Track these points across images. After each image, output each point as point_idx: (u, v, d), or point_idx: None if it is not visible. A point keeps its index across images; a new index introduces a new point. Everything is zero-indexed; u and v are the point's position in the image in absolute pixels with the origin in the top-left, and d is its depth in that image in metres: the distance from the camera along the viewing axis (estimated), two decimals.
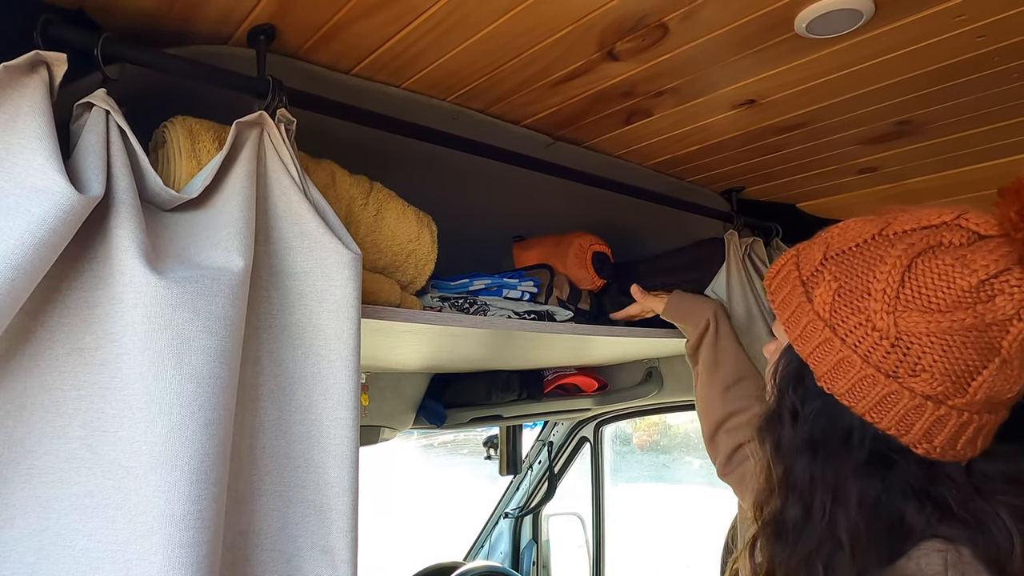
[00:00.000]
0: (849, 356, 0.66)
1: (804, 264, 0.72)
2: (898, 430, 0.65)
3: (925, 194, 1.57)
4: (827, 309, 0.68)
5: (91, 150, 0.70)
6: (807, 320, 0.69)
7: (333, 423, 0.79)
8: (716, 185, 1.61)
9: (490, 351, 1.52)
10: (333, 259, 0.81)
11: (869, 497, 0.65)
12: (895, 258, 0.64)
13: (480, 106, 1.16)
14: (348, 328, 0.81)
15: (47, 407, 0.67)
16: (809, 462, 0.68)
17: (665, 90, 1.11)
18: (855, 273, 0.67)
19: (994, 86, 1.08)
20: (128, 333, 0.65)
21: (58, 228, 0.62)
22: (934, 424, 0.64)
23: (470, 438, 2.90)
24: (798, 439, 0.70)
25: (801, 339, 0.70)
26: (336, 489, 0.78)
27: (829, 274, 0.69)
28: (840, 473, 0.67)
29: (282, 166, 0.84)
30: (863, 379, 0.65)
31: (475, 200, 1.41)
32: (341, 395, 0.80)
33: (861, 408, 0.66)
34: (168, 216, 0.78)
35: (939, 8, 0.88)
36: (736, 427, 1.20)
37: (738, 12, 0.88)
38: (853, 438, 0.67)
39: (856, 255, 0.68)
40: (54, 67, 0.70)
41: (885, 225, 0.68)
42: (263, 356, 0.81)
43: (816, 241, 0.74)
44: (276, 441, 0.79)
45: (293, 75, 0.96)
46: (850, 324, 0.66)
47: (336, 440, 0.79)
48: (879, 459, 0.67)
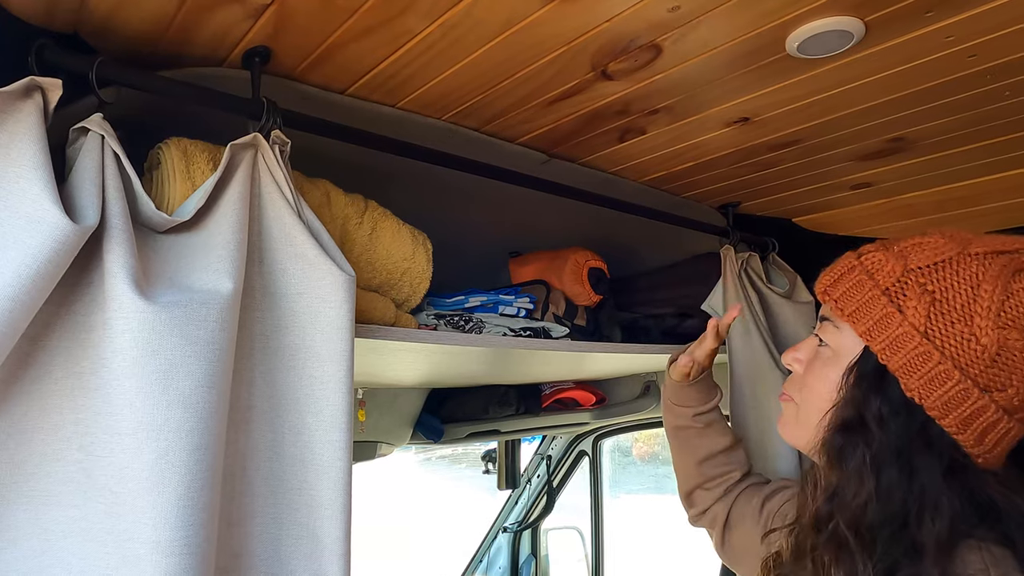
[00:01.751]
0: (948, 369, 0.68)
1: (879, 274, 0.73)
2: (975, 441, 0.69)
3: (920, 209, 1.57)
4: (923, 321, 0.69)
5: (86, 176, 0.70)
6: (899, 331, 0.70)
7: (325, 445, 0.79)
8: (712, 200, 1.61)
9: (487, 367, 1.52)
10: (327, 281, 0.82)
11: (953, 504, 0.67)
12: (994, 276, 0.68)
13: (475, 124, 1.17)
14: (341, 349, 0.81)
15: (46, 431, 0.67)
16: (899, 472, 0.69)
17: (659, 108, 1.11)
18: (952, 287, 0.69)
19: (986, 104, 1.09)
20: (118, 359, 0.65)
21: (53, 259, 0.62)
22: (1001, 436, 0.69)
23: (469, 451, 2.89)
24: (888, 449, 0.70)
25: (890, 349, 0.70)
26: (328, 512, 0.77)
27: (919, 287, 0.70)
28: (928, 482, 0.68)
29: (276, 188, 0.84)
30: (959, 392, 0.67)
31: (471, 217, 1.42)
32: (334, 417, 0.80)
33: (950, 421, 0.68)
34: (161, 238, 0.79)
35: (929, 29, 0.88)
36: (714, 487, 1.20)
37: (730, 33, 0.89)
38: (934, 448, 0.69)
39: (947, 269, 0.70)
40: (49, 92, 0.71)
41: (964, 245, 0.71)
42: (256, 378, 0.81)
43: (884, 252, 0.75)
44: (269, 463, 0.79)
45: (287, 96, 0.96)
46: (951, 337, 0.68)
47: (328, 462, 0.78)
48: (956, 468, 0.69)
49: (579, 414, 2.11)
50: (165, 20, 0.81)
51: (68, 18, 0.78)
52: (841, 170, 1.39)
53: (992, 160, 1.31)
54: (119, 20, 0.79)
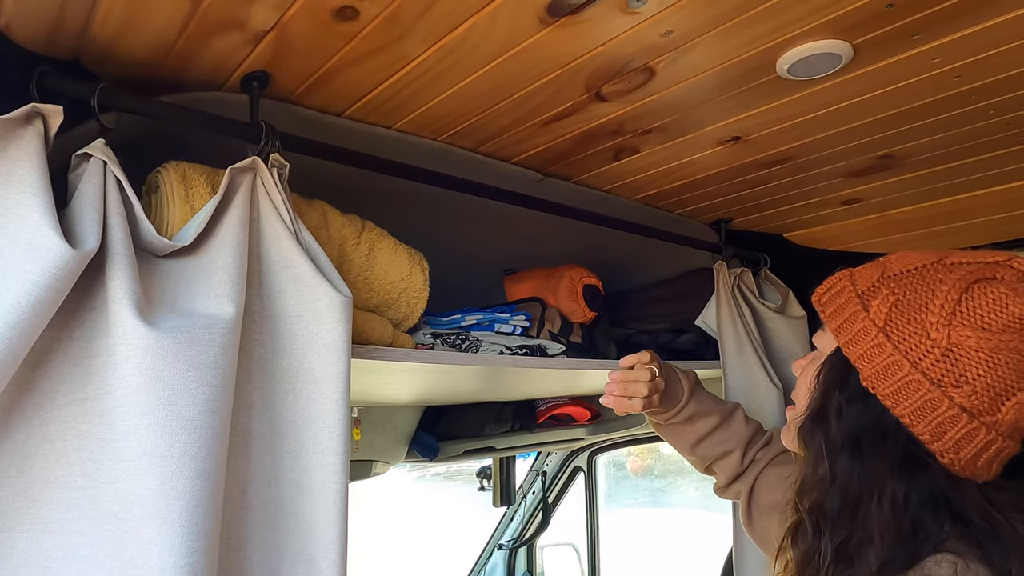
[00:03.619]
0: (899, 360, 0.72)
1: (860, 281, 0.79)
2: (931, 436, 0.70)
3: (908, 224, 1.59)
4: (883, 317, 0.74)
5: (87, 201, 0.71)
6: (861, 326, 0.75)
7: (321, 469, 0.78)
8: (704, 217, 1.63)
9: (483, 385, 1.52)
10: (324, 302, 0.82)
11: (900, 495, 0.70)
12: (955, 280, 0.71)
13: (470, 145, 1.18)
14: (338, 370, 0.81)
15: (49, 457, 0.67)
16: (849, 458, 0.73)
17: (652, 128, 1.13)
18: (914, 290, 0.74)
19: (972, 122, 1.11)
20: (122, 385, 0.66)
21: (53, 285, 0.63)
22: (964, 436, 0.70)
23: (463, 468, 2.87)
24: (841, 435, 0.75)
25: (852, 342, 0.76)
26: (324, 537, 0.77)
27: (887, 289, 0.75)
28: (876, 470, 0.72)
29: (274, 211, 0.85)
30: (909, 383, 0.71)
31: (466, 235, 1.43)
32: (330, 439, 0.79)
33: (901, 410, 0.72)
34: (162, 263, 0.79)
35: (915, 51, 0.90)
36: (725, 466, 1.20)
37: (722, 56, 0.91)
38: (889, 438, 0.72)
39: (915, 276, 0.75)
40: (50, 119, 0.71)
41: (943, 257, 0.75)
42: (256, 401, 0.81)
43: (872, 265, 0.80)
44: (268, 488, 0.79)
45: (285, 118, 0.97)
46: (904, 332, 0.72)
47: (324, 486, 0.78)
48: (911, 461, 0.71)
49: (574, 430, 2.11)
50: (166, 47, 0.82)
51: (70, 45, 0.79)
52: (831, 186, 1.41)
53: (978, 176, 1.34)
54: (121, 47, 0.80)
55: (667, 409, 1.17)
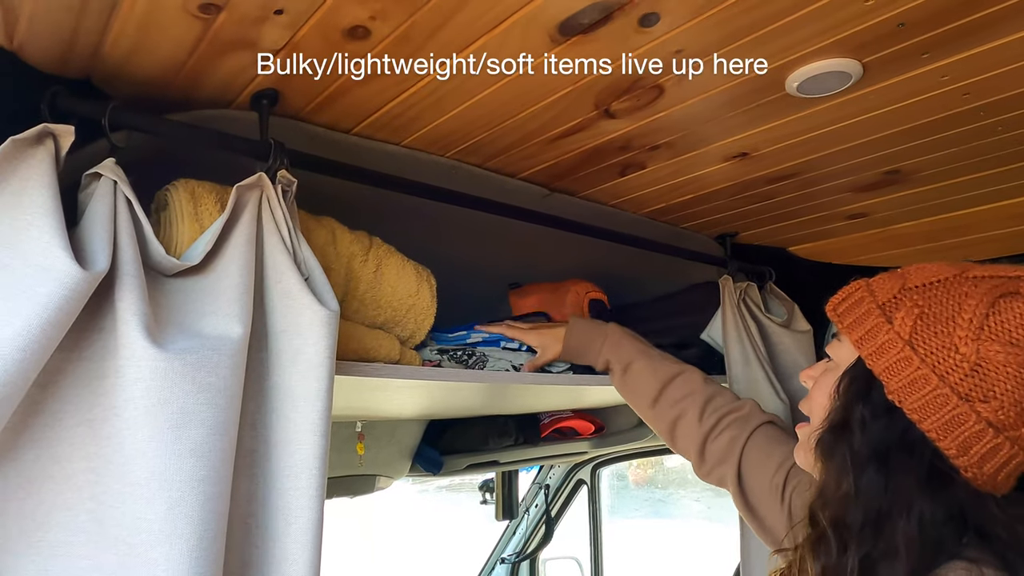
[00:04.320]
0: (927, 374, 0.71)
1: (879, 292, 0.78)
2: (957, 451, 0.70)
3: (914, 238, 1.59)
4: (908, 330, 0.73)
5: (98, 221, 0.71)
6: (885, 338, 0.74)
7: (295, 493, 0.74)
8: (710, 231, 1.63)
9: (487, 400, 1.52)
10: (306, 316, 0.78)
11: (927, 511, 0.69)
12: (981, 294, 0.71)
13: (478, 161, 1.18)
14: (317, 388, 0.77)
15: (57, 479, 0.66)
16: (875, 472, 0.72)
17: (660, 144, 1.13)
18: (940, 302, 0.73)
19: (979, 138, 1.11)
20: (130, 407, 0.65)
21: (64, 306, 0.62)
22: (989, 451, 0.69)
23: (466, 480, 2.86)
24: (866, 449, 0.74)
25: (876, 354, 0.74)
26: (294, 568, 0.73)
27: (910, 301, 0.74)
28: (903, 485, 0.71)
29: (275, 226, 0.83)
30: (937, 397, 0.70)
31: (473, 249, 1.42)
32: (304, 462, 0.75)
33: (928, 424, 0.71)
34: (170, 282, 0.78)
35: (924, 69, 0.90)
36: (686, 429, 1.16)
37: (731, 74, 0.91)
38: (915, 453, 0.72)
39: (939, 288, 0.74)
40: (61, 138, 0.71)
41: (964, 270, 0.75)
42: (257, 421, 0.79)
43: (891, 275, 0.79)
44: (261, 510, 0.76)
45: (294, 135, 0.97)
46: (932, 345, 0.71)
47: (296, 512, 0.73)
48: (937, 475, 0.71)
49: (578, 443, 2.10)
50: (176, 66, 0.82)
51: (81, 65, 0.79)
52: (837, 201, 1.41)
53: (984, 191, 1.34)
54: (132, 66, 0.80)
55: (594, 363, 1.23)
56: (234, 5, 0.71)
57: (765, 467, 1.05)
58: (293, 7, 0.72)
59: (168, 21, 0.73)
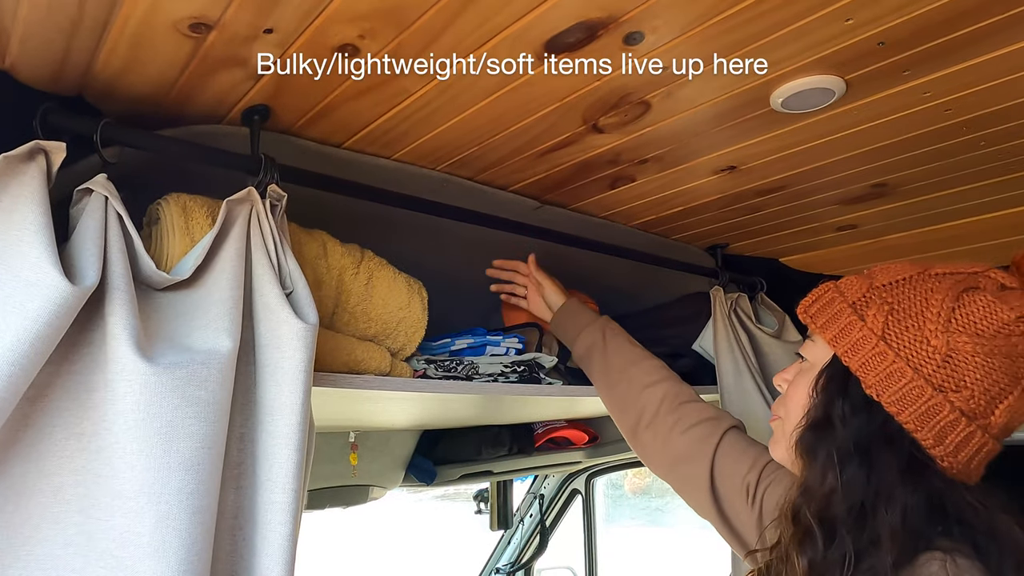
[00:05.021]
0: (902, 367, 0.74)
1: (848, 292, 0.81)
2: (934, 440, 0.73)
3: (903, 250, 1.61)
4: (880, 326, 0.76)
5: (88, 236, 0.71)
6: (859, 335, 0.77)
7: (271, 507, 0.74)
8: (701, 242, 1.64)
9: (480, 409, 1.52)
10: (283, 329, 0.79)
11: (909, 500, 0.72)
12: (946, 289, 0.74)
13: (469, 174, 1.19)
14: (292, 402, 0.76)
15: (46, 493, 0.67)
16: (858, 466, 0.75)
17: (649, 158, 1.14)
18: (908, 299, 0.76)
19: (963, 152, 1.13)
20: (119, 421, 0.66)
21: (53, 321, 0.63)
22: (962, 440, 0.72)
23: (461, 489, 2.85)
24: (848, 444, 0.76)
25: (851, 351, 0.77)
26: None
27: (880, 299, 0.78)
28: (885, 477, 0.73)
29: (261, 239, 0.84)
30: (912, 389, 0.73)
31: (464, 262, 1.43)
32: (280, 476, 0.74)
33: (906, 416, 0.74)
34: (160, 296, 0.79)
35: (907, 86, 0.92)
36: (651, 420, 1.14)
37: (717, 90, 0.92)
38: (895, 444, 0.74)
39: (905, 286, 0.77)
40: (52, 155, 0.72)
41: (927, 268, 0.79)
42: (245, 434, 0.79)
43: (857, 277, 0.83)
44: (248, 524, 0.76)
45: (285, 150, 0.98)
46: (904, 339, 0.75)
47: (271, 527, 0.73)
48: (916, 466, 0.74)
49: (572, 453, 2.11)
50: (168, 83, 0.83)
51: (73, 82, 0.80)
52: (826, 213, 1.43)
53: (970, 204, 1.35)
54: (124, 84, 0.81)
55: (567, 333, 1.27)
56: (224, 24, 0.72)
57: (738, 466, 1.03)
58: (283, 26, 0.74)
59: (159, 40, 0.74)
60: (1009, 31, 0.80)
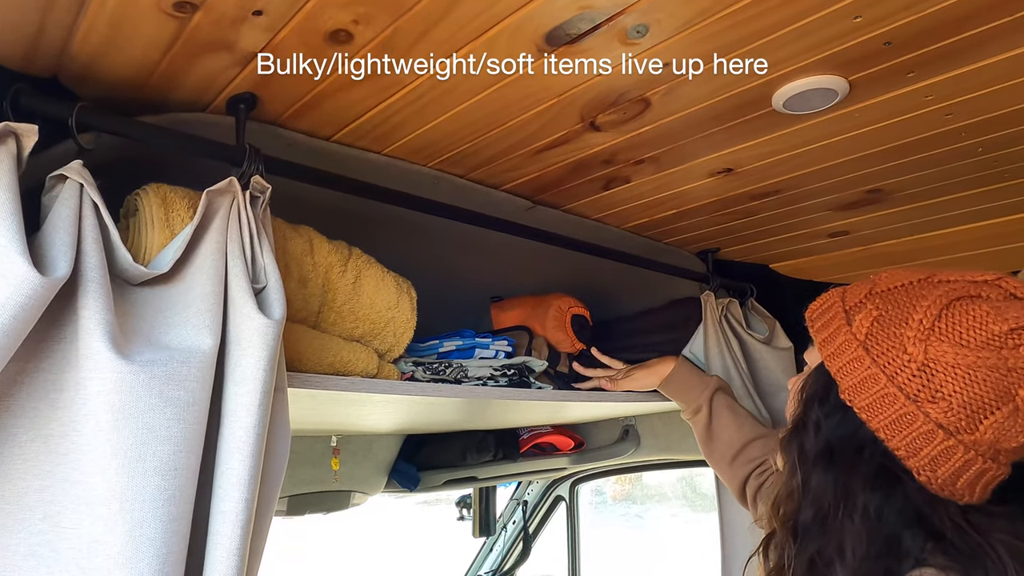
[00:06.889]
0: (876, 374, 0.72)
1: (849, 298, 0.79)
2: (907, 451, 0.70)
3: (895, 257, 1.60)
4: (863, 331, 0.74)
5: (61, 225, 0.67)
6: (843, 339, 0.76)
7: (220, 517, 0.68)
8: (692, 247, 1.62)
9: (466, 414, 1.49)
10: (245, 325, 0.73)
11: (872, 508, 0.70)
12: (936, 296, 0.71)
13: (461, 171, 1.16)
14: (248, 403, 0.70)
15: (8, 499, 0.62)
16: (823, 470, 0.74)
17: (645, 159, 1.12)
18: (896, 305, 0.74)
19: (961, 159, 1.12)
20: (91, 422, 0.61)
21: (19, 314, 0.59)
22: (941, 454, 0.69)
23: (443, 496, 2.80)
24: (817, 447, 0.76)
25: (833, 356, 0.76)
26: None
27: (871, 305, 0.76)
28: (850, 483, 0.72)
29: (239, 232, 0.79)
30: (884, 396, 0.71)
31: (455, 262, 1.40)
32: (228, 485, 0.68)
33: (877, 423, 0.72)
34: (137, 291, 0.75)
35: (909, 89, 0.90)
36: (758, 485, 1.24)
37: (718, 89, 0.90)
38: (864, 452, 0.73)
39: (900, 292, 0.75)
40: (23, 138, 0.68)
41: (931, 274, 0.75)
42: (213, 436, 0.72)
43: (863, 282, 0.80)
44: (198, 534, 0.69)
45: (272, 141, 0.94)
46: (883, 346, 0.72)
47: (218, 539, 0.67)
48: (885, 476, 0.71)
49: (557, 459, 2.08)
50: (150, 66, 0.79)
51: (48, 63, 0.76)
52: (819, 219, 1.41)
53: (964, 211, 1.35)
54: (101, 66, 0.77)
55: (685, 404, 1.38)
56: (211, 4, 0.68)
57: None
58: (273, 8, 0.70)
59: (141, 19, 0.70)
60: (1015, 35, 0.79)
